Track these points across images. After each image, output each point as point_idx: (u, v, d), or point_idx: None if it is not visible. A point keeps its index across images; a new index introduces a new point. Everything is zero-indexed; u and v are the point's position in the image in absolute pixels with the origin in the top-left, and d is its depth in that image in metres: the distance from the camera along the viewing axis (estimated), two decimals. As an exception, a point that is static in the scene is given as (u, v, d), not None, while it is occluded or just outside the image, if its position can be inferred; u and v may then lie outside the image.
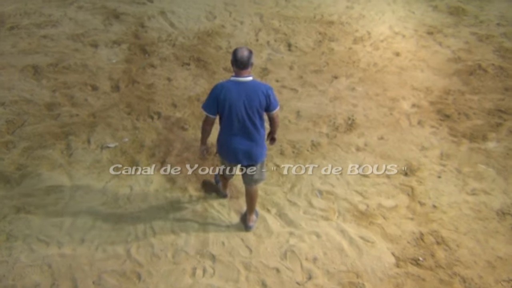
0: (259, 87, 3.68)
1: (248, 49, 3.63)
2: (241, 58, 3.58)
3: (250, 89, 3.66)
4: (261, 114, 3.79)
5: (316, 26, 7.40)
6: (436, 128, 5.51)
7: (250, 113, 3.71)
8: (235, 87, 3.66)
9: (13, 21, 7.35)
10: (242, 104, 3.67)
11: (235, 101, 3.67)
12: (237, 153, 3.90)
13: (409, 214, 4.53)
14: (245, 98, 3.66)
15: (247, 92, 3.65)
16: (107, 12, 7.63)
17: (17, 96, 5.82)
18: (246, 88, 3.66)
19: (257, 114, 3.75)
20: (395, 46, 6.96)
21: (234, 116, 3.72)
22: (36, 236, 4.27)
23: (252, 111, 3.71)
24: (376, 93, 6.03)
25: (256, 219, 4.47)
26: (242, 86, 3.65)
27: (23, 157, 5.03)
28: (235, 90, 3.65)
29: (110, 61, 6.55)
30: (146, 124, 5.53)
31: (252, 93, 3.66)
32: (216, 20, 7.56)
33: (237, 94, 3.66)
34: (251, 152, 3.90)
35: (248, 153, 3.90)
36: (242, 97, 3.66)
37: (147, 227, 4.38)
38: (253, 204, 4.32)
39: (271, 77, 6.29)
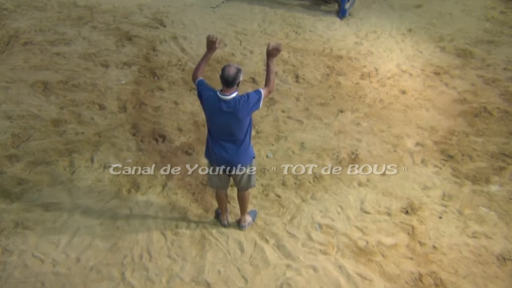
0: (238, 102, 3.72)
1: (236, 68, 3.68)
2: (227, 77, 3.65)
3: (232, 108, 3.72)
4: (242, 124, 3.82)
5: (324, 59, 7.50)
6: (439, 168, 5.50)
7: (230, 126, 3.81)
8: (216, 103, 3.75)
9: (28, 36, 7.49)
10: (222, 118, 3.78)
11: (215, 115, 3.80)
12: (219, 159, 4.02)
13: (408, 254, 4.48)
14: (225, 114, 3.75)
15: (227, 109, 3.73)
16: (120, 34, 7.77)
17: (25, 111, 5.88)
18: (228, 105, 3.72)
19: (239, 129, 3.82)
20: (402, 84, 7.02)
21: (214, 127, 3.88)
22: (31, 252, 4.25)
23: (232, 124, 3.80)
24: (381, 129, 6.05)
25: (251, 221, 4.60)
26: (225, 103, 3.73)
27: (25, 171, 5.05)
28: (216, 105, 3.74)
29: (120, 81, 6.63)
30: (150, 146, 5.56)
31: (233, 110, 3.73)
32: (227, 48, 7.67)
33: (217, 109, 3.75)
34: (232, 160, 4.00)
35: (230, 161, 4.01)
36: (222, 113, 3.74)
37: (144, 251, 4.34)
38: (244, 205, 4.46)
39: (277, 107, 6.34)
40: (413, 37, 8.33)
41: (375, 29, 8.53)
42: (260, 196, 5.00)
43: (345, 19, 8.83)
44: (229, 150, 3.94)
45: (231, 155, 3.96)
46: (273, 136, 5.84)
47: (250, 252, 4.41)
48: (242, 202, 4.45)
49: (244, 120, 3.81)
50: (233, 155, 3.96)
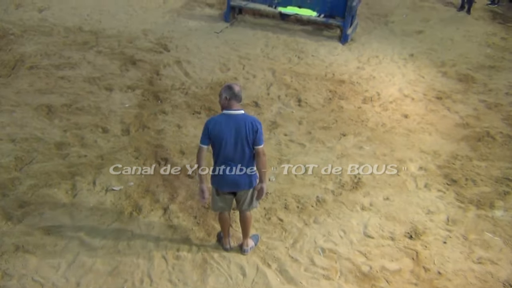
0: (248, 120, 3.94)
1: (239, 85, 4.01)
2: (238, 92, 3.94)
3: (240, 121, 3.92)
4: (250, 145, 3.97)
5: (327, 84, 7.56)
6: (443, 193, 5.46)
7: (239, 144, 3.94)
8: (226, 119, 3.95)
9: (33, 61, 7.59)
10: (232, 135, 3.92)
11: (226, 132, 3.92)
12: (227, 182, 4.11)
13: (413, 279, 4.42)
14: (234, 129, 3.92)
15: (236, 124, 3.92)
16: (125, 58, 7.87)
17: (29, 134, 5.91)
18: (236, 120, 3.93)
19: (246, 144, 3.94)
20: (404, 108, 7.04)
21: (223, 147, 3.96)
22: (31, 276, 4.20)
23: (242, 141, 3.93)
24: (383, 153, 6.04)
25: (253, 246, 4.57)
26: (233, 118, 3.93)
27: (27, 194, 5.04)
28: (225, 122, 3.94)
29: (123, 105, 6.68)
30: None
31: (241, 124, 3.91)
32: (230, 72, 7.75)
33: (227, 125, 3.93)
34: (239, 182, 4.10)
35: (236, 182, 4.10)
36: (232, 128, 3.92)
37: (145, 275, 4.29)
38: (247, 228, 4.46)
39: (280, 131, 6.36)
40: (414, 62, 8.41)
41: (377, 54, 8.62)
42: (262, 220, 4.97)
43: (347, 44, 8.93)
44: (236, 174, 4.05)
45: (238, 177, 4.06)
46: (275, 159, 5.84)
47: (252, 276, 4.35)
48: (245, 225, 4.44)
49: (251, 138, 3.93)
50: (240, 177, 4.07)
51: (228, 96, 3.92)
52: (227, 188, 4.16)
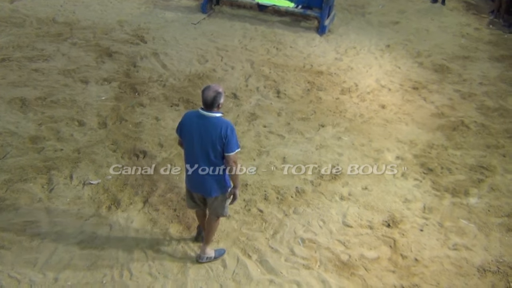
0: (219, 125, 3.71)
1: (215, 90, 3.67)
2: (205, 99, 3.68)
3: (210, 125, 3.72)
4: (217, 151, 3.78)
5: (305, 75, 7.58)
6: (420, 181, 5.56)
7: (205, 147, 3.77)
8: (197, 119, 3.77)
9: (5, 53, 7.39)
10: (199, 136, 3.76)
11: (193, 132, 3.78)
12: (191, 182, 4.04)
13: (390, 267, 4.49)
14: (202, 131, 3.74)
15: (206, 127, 3.73)
16: (100, 50, 7.73)
17: (2, 128, 5.76)
18: (206, 122, 3.73)
19: (211, 149, 3.77)
20: (381, 99, 7.12)
21: (190, 146, 3.85)
22: (7, 272, 4.12)
23: (208, 145, 3.76)
24: (362, 144, 6.11)
25: (211, 257, 4.34)
26: (204, 120, 3.73)
27: (2, 189, 4.92)
28: (195, 122, 3.77)
29: (100, 98, 6.58)
30: (131, 162, 5.49)
31: (210, 128, 3.72)
32: (208, 64, 7.69)
33: (196, 126, 3.76)
34: (203, 185, 3.96)
35: (201, 185, 3.97)
36: (200, 130, 3.76)
37: (124, 269, 4.25)
38: (207, 234, 4.30)
39: (259, 122, 6.36)
40: (391, 53, 8.50)
41: (354, 45, 8.68)
42: (242, 211, 4.97)
43: (325, 35, 8.97)
44: (202, 176, 3.89)
45: (203, 179, 3.91)
46: (255, 151, 5.84)
47: (232, 268, 4.36)
48: (207, 230, 4.29)
49: (220, 142, 3.74)
50: (204, 180, 3.91)
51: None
52: (193, 188, 4.06)
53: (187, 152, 3.93)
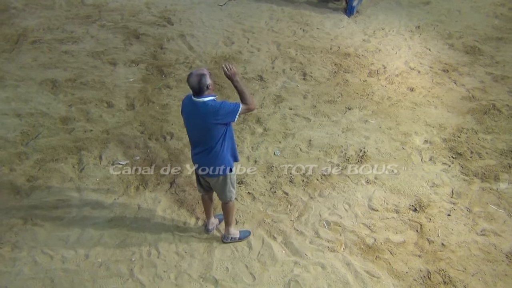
0: (208, 110, 3.63)
1: (198, 74, 3.57)
2: (191, 86, 3.60)
3: (200, 111, 3.66)
4: (213, 132, 3.73)
5: (332, 57, 7.48)
6: (448, 166, 5.47)
7: (200, 131, 3.77)
8: (190, 105, 3.73)
9: (36, 35, 7.54)
10: (193, 121, 3.76)
11: (187, 117, 3.80)
12: (194, 163, 4.00)
13: (417, 251, 4.47)
14: (195, 117, 3.71)
15: (196, 113, 3.69)
16: (128, 32, 7.80)
17: (34, 109, 5.91)
18: (196, 109, 3.67)
19: (206, 133, 3.74)
20: (410, 82, 6.98)
21: (188, 129, 3.89)
22: (41, 248, 4.28)
23: (201, 130, 3.75)
24: (389, 127, 6.03)
25: (235, 238, 4.42)
26: (194, 106, 3.68)
27: (34, 169, 5.08)
28: (189, 108, 3.74)
29: (127, 79, 6.66)
30: (158, 143, 5.57)
31: (201, 114, 3.66)
32: (234, 46, 7.67)
33: (189, 111, 3.75)
34: (203, 165, 3.93)
35: (201, 165, 3.94)
36: (193, 116, 3.73)
37: (152, 247, 4.36)
38: (225, 217, 4.34)
39: (285, 105, 6.33)
40: (421, 34, 8.28)
41: (383, 26, 8.49)
42: (267, 194, 5.00)
43: (353, 16, 8.80)
44: (200, 156, 3.89)
45: (201, 162, 3.92)
46: (280, 133, 5.84)
47: (258, 249, 4.42)
48: (224, 213, 4.33)
49: (212, 128, 3.70)
50: (203, 162, 3.91)
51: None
52: (197, 168, 4.02)
53: (188, 134, 3.95)
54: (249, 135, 5.78)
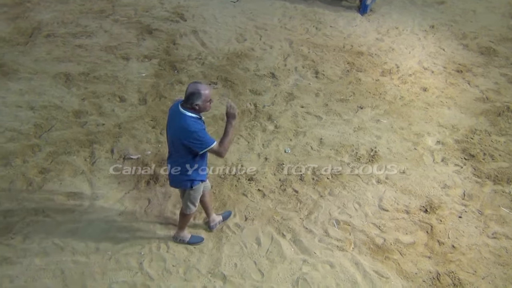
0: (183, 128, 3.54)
1: (196, 89, 3.48)
2: (186, 91, 3.53)
3: (177, 121, 3.58)
4: (181, 151, 3.66)
5: (344, 55, 7.44)
6: (460, 167, 5.42)
7: (171, 138, 3.73)
8: (174, 109, 3.67)
9: (50, 29, 7.59)
10: (170, 128, 3.72)
11: (168, 121, 3.75)
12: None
13: (426, 252, 4.44)
14: (172, 123, 3.67)
15: (174, 121, 3.62)
16: (141, 27, 7.82)
17: (47, 102, 5.96)
18: (176, 117, 3.59)
19: (174, 143, 3.68)
20: (423, 82, 6.93)
21: (167, 133, 3.82)
22: (52, 240, 4.32)
23: (172, 137, 3.70)
24: (401, 127, 5.99)
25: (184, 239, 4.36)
26: (176, 113, 3.60)
27: (47, 161, 5.13)
28: (172, 112, 3.68)
29: (140, 74, 6.68)
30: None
31: (177, 125, 3.59)
32: (246, 43, 7.66)
33: (170, 115, 3.70)
34: (169, 174, 3.91)
35: (169, 174, 3.92)
36: (171, 122, 3.68)
37: (161, 242, 4.38)
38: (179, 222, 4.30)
39: (296, 103, 6.32)
40: (435, 34, 8.21)
41: (397, 26, 8.43)
42: (277, 191, 5.00)
43: (367, 15, 8.74)
44: (169, 164, 3.88)
45: (170, 170, 3.89)
46: (291, 131, 5.83)
47: (266, 246, 4.42)
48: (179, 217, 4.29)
49: (180, 146, 3.63)
50: (170, 170, 3.88)
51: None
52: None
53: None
54: (260, 132, 5.78)
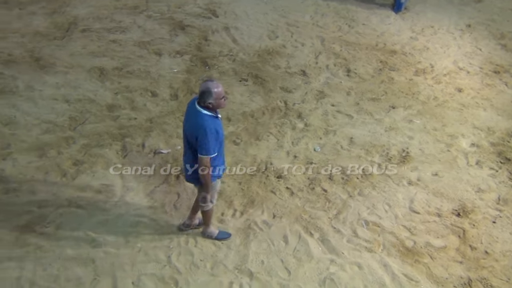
0: (196, 123, 3.60)
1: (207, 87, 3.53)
2: (199, 88, 3.60)
3: (192, 117, 3.66)
4: (191, 144, 3.71)
5: (377, 54, 7.33)
6: (495, 171, 5.26)
7: (185, 133, 3.76)
8: (190, 108, 3.73)
9: (86, 24, 7.75)
10: (186, 123, 3.77)
11: (185, 116, 3.80)
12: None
13: (458, 257, 4.33)
14: (188, 119, 3.74)
15: (189, 117, 3.70)
16: (174, 23, 7.90)
17: (82, 95, 6.09)
18: (191, 113, 3.68)
19: (188, 139, 3.72)
20: (458, 82, 6.76)
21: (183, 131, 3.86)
22: (84, 231, 4.41)
23: (186, 133, 3.75)
24: (434, 128, 5.86)
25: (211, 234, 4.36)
26: (191, 109, 3.68)
27: (80, 153, 5.24)
28: (188, 111, 3.76)
29: (172, 70, 6.75)
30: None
31: (191, 121, 3.67)
32: (278, 40, 7.64)
33: (187, 112, 3.77)
34: (185, 170, 3.96)
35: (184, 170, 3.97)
36: (187, 116, 3.75)
37: (190, 236, 4.42)
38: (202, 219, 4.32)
39: (327, 101, 6.27)
40: (472, 33, 8.00)
41: (432, 24, 8.25)
42: (306, 190, 4.97)
43: (401, 13, 8.59)
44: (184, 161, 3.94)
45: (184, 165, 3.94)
46: (321, 129, 5.78)
47: (294, 244, 4.40)
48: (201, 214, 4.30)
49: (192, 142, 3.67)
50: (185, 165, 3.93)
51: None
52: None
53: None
54: (289, 130, 5.76)
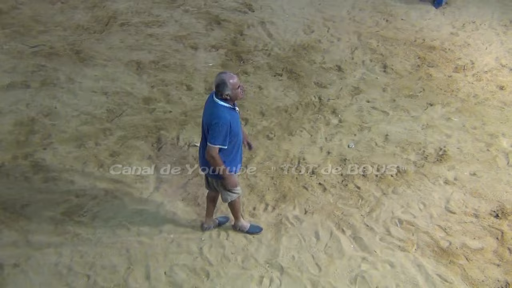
0: (211, 112, 3.64)
1: (222, 79, 3.57)
2: (214, 81, 3.63)
3: (208, 108, 3.70)
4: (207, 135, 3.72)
5: (415, 49, 7.16)
6: (538, 172, 5.07)
7: (203, 125, 3.77)
8: (208, 100, 3.76)
9: (125, 18, 7.90)
10: (204, 114, 3.76)
11: (204, 111, 3.79)
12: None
13: (495, 260, 4.20)
14: (205, 110, 3.75)
15: (206, 108, 3.74)
16: (210, 18, 7.96)
17: (119, 88, 6.23)
18: (208, 104, 3.72)
19: (205, 130, 3.74)
20: (500, 79, 6.52)
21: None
22: (119, 220, 4.52)
23: (203, 125, 3.76)
24: (474, 126, 5.69)
25: (243, 228, 4.40)
26: (209, 101, 3.74)
27: (117, 144, 5.37)
28: (206, 102, 3.78)
29: (207, 64, 6.81)
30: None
31: (207, 111, 3.70)
32: (313, 35, 7.58)
33: (206, 106, 3.77)
34: (201, 164, 3.96)
35: (200, 164, 4.00)
36: (205, 108, 3.76)
37: (221, 229, 4.46)
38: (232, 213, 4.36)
39: (362, 97, 6.18)
40: (516, 29, 7.70)
41: (474, 19, 7.99)
42: (339, 186, 4.93)
43: (441, 8, 8.35)
44: (200, 154, 3.94)
45: (200, 161, 3.97)
46: (356, 126, 5.71)
47: (325, 241, 4.37)
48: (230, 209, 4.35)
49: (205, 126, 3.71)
50: (201, 162, 3.95)
51: None
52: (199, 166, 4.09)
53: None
54: (323, 126, 5.71)
